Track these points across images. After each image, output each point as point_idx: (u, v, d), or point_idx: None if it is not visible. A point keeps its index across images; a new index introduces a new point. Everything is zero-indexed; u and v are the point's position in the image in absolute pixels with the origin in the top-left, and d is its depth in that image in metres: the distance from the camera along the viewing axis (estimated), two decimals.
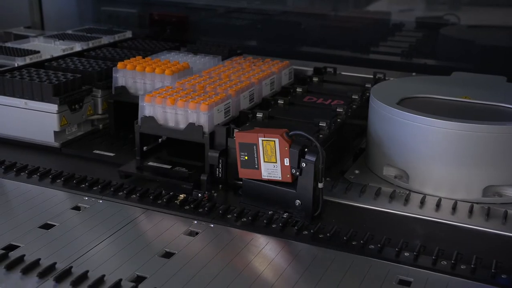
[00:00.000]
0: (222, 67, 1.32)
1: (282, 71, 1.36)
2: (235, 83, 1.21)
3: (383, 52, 1.77)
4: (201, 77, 1.24)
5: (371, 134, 1.17)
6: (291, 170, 0.97)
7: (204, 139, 1.05)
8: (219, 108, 1.09)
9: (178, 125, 1.08)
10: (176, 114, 1.08)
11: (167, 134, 1.10)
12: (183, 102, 1.07)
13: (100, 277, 0.79)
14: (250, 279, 0.81)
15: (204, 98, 1.09)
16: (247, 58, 1.40)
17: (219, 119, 1.09)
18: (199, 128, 1.05)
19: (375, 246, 0.90)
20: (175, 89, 1.14)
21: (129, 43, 1.62)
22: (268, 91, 1.29)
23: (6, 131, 1.24)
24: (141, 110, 1.09)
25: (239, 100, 1.17)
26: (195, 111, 1.06)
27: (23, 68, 1.28)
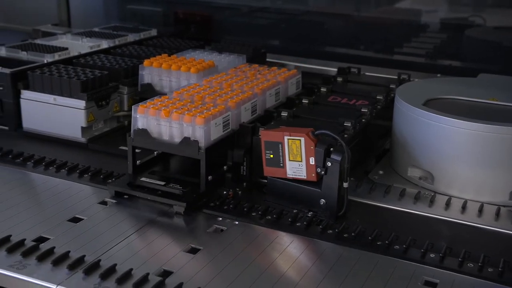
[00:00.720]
0: (225, 75, 1.25)
1: (289, 80, 1.29)
2: (237, 93, 1.13)
3: (407, 53, 1.76)
4: (201, 87, 1.16)
5: (395, 135, 1.17)
6: (316, 169, 0.97)
7: (200, 155, 0.98)
8: (217, 121, 1.02)
9: (172, 139, 1.01)
10: (170, 127, 1.01)
11: (161, 148, 1.03)
12: (178, 114, 1.00)
13: (128, 270, 0.80)
14: (274, 278, 0.82)
15: (201, 110, 1.02)
16: (252, 66, 1.32)
17: (216, 133, 1.02)
18: (194, 143, 0.98)
19: (400, 247, 0.90)
20: (172, 100, 1.07)
21: (154, 41, 1.63)
22: (273, 102, 1.22)
23: (35, 126, 1.26)
24: (133, 121, 1.03)
25: (239, 113, 1.09)
26: (190, 125, 0.99)
27: (52, 65, 1.30)
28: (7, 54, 1.38)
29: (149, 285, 0.78)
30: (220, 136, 1.03)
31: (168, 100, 1.07)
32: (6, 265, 0.81)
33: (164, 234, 0.91)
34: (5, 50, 1.39)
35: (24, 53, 1.37)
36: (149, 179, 1.03)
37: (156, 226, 0.94)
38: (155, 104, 1.04)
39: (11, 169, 1.12)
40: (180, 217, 0.97)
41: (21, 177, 1.10)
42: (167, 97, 1.09)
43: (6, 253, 0.84)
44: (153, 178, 1.03)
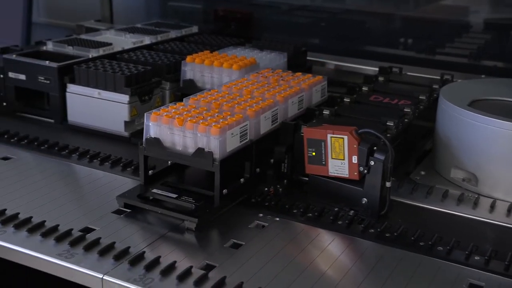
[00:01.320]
0: (246, 81, 1.17)
1: (313, 87, 1.21)
2: (257, 101, 1.06)
3: (450, 53, 1.73)
4: (219, 93, 1.10)
5: (439, 136, 1.15)
6: (359, 168, 0.97)
7: (214, 167, 0.92)
8: (233, 131, 0.95)
9: (186, 149, 0.95)
10: (184, 136, 0.95)
11: (174, 159, 0.99)
12: (192, 123, 0.94)
13: (171, 263, 0.82)
14: (314, 277, 0.82)
15: (217, 119, 0.96)
16: (276, 71, 1.25)
17: (233, 144, 0.96)
18: (208, 154, 0.92)
19: (444, 248, 0.89)
20: (187, 107, 1.02)
21: (195, 37, 1.65)
22: (295, 110, 1.14)
23: (79, 119, 1.28)
24: (146, 129, 0.98)
25: (259, 122, 1.03)
26: (205, 135, 0.93)
27: (97, 59, 1.33)
28: (54, 48, 1.41)
29: (193, 278, 0.79)
30: (237, 147, 0.97)
31: (183, 107, 1.02)
32: (54, 253, 0.83)
33: (206, 229, 0.92)
34: (52, 44, 1.42)
35: (70, 47, 1.40)
36: (161, 190, 0.98)
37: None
38: (169, 112, 0.98)
39: (57, 161, 1.15)
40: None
41: (66, 169, 1.12)
42: (182, 103, 1.03)
43: (54, 242, 0.86)
44: (165, 190, 0.98)
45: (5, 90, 1.35)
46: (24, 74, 1.31)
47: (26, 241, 0.86)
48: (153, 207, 0.94)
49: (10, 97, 1.35)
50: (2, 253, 0.87)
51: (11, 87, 1.34)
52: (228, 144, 0.95)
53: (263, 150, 1.04)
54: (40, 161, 1.14)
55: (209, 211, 0.93)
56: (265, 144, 1.04)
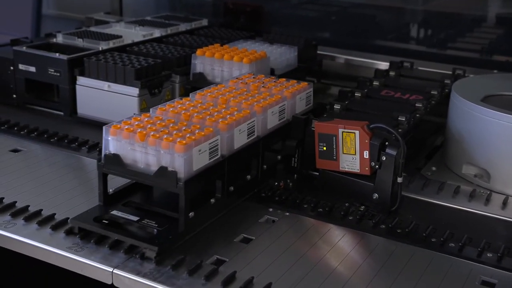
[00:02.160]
0: (223, 88, 1.08)
1: (297, 95, 1.10)
2: (231, 112, 0.95)
3: (461, 48, 1.71)
4: (191, 103, 0.99)
5: (451, 131, 1.14)
6: (370, 163, 0.96)
7: (178, 188, 0.82)
8: (201, 148, 0.85)
9: (148, 168, 0.85)
10: (146, 153, 0.85)
11: (134, 178, 0.88)
12: (155, 139, 0.84)
13: (182, 257, 0.81)
14: (325, 273, 0.81)
15: (183, 133, 0.86)
16: (258, 77, 1.14)
17: (201, 161, 0.86)
18: (172, 174, 0.82)
19: (456, 245, 0.88)
20: (152, 119, 0.91)
21: (205, 31, 1.64)
22: (276, 121, 1.04)
23: (89, 112, 1.28)
24: (104, 144, 0.88)
25: (232, 136, 0.92)
26: (168, 152, 0.83)
27: (107, 52, 1.32)
28: (63, 41, 1.41)
29: (203, 272, 0.78)
30: (206, 165, 0.87)
31: (148, 119, 0.91)
32: (65, 247, 0.83)
33: (216, 224, 0.92)
34: (62, 37, 1.41)
35: (80, 40, 1.39)
36: (122, 212, 0.88)
37: None
38: (130, 125, 0.88)
39: (66, 153, 1.15)
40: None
41: (76, 161, 1.12)
42: (148, 115, 0.93)
43: (64, 235, 0.86)
44: (126, 212, 0.89)
45: (15, 82, 1.35)
46: (34, 67, 1.31)
47: (36, 234, 0.86)
48: (108, 232, 0.84)
49: (20, 90, 1.35)
50: (13, 246, 0.87)
51: (21, 79, 1.34)
52: (195, 162, 0.84)
53: (239, 166, 0.96)
54: (50, 154, 1.14)
55: (172, 237, 0.83)
56: (241, 160, 0.95)
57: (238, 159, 0.94)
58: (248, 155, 0.97)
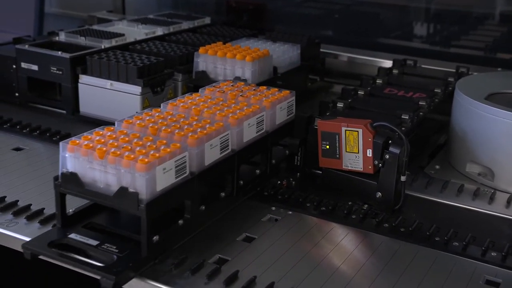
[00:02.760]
0: (198, 97, 1.00)
1: (277, 105, 1.01)
2: (203, 125, 0.88)
3: (465, 46, 1.71)
4: (161, 114, 0.92)
5: (454, 129, 1.14)
6: (374, 161, 0.96)
7: (140, 211, 0.75)
8: (166, 166, 0.78)
9: (109, 188, 0.78)
10: (105, 172, 0.78)
11: (93, 199, 0.81)
12: (115, 156, 0.77)
13: (184, 257, 0.81)
14: (328, 272, 0.81)
15: (147, 150, 0.78)
16: (237, 85, 1.07)
17: (166, 181, 0.78)
18: (132, 195, 0.75)
19: (460, 243, 0.87)
20: (116, 134, 0.83)
21: (208, 29, 1.64)
22: (254, 134, 0.95)
23: (91, 110, 1.28)
24: (62, 162, 0.81)
25: (202, 152, 0.85)
26: (129, 171, 0.76)
27: (109, 50, 1.32)
28: (66, 39, 1.41)
29: (205, 271, 0.78)
30: (172, 185, 0.79)
31: (111, 133, 0.83)
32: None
33: (219, 223, 0.91)
34: (65, 35, 1.41)
35: (82, 38, 1.39)
36: (80, 236, 0.81)
37: None
38: (90, 141, 0.81)
39: None
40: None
41: None
42: (112, 129, 0.85)
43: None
44: (86, 235, 0.81)
45: (17, 81, 1.35)
46: (37, 65, 1.31)
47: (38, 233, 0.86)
48: (63, 259, 0.77)
49: (22, 88, 1.35)
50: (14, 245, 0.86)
51: (23, 77, 1.33)
52: (159, 181, 0.77)
53: (211, 183, 0.90)
54: (52, 152, 1.14)
55: (133, 264, 0.76)
56: (213, 177, 0.88)
57: (210, 176, 0.87)
58: (221, 171, 0.90)
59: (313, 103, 1.42)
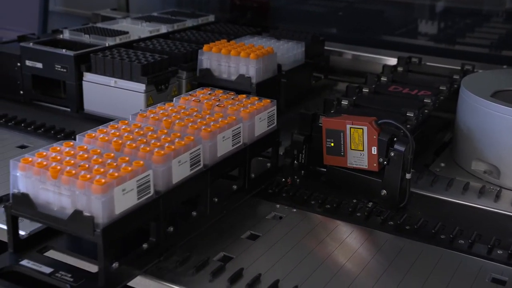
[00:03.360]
0: (170, 108, 0.92)
1: (256, 115, 0.94)
2: (172, 139, 0.81)
3: (470, 43, 1.70)
4: (128, 127, 0.84)
5: (460, 127, 1.13)
6: (379, 159, 0.95)
7: (95, 236, 0.69)
8: (125, 187, 0.71)
9: (63, 211, 0.71)
10: (59, 193, 0.71)
11: (46, 222, 0.74)
12: (69, 176, 0.70)
13: (188, 255, 0.81)
14: (333, 270, 0.80)
15: (105, 170, 0.71)
16: (214, 93, 1.00)
17: (126, 203, 0.71)
18: (87, 219, 0.69)
19: (465, 241, 0.87)
20: (74, 150, 0.76)
21: (212, 26, 1.63)
22: (229, 147, 0.89)
23: (95, 108, 1.28)
24: (12, 181, 0.74)
25: (169, 170, 0.78)
26: (84, 192, 0.69)
27: (113, 48, 1.32)
28: (70, 37, 1.41)
29: (210, 268, 0.78)
30: (133, 207, 0.73)
31: (69, 149, 0.76)
32: None
33: (223, 220, 0.91)
34: (69, 33, 1.41)
35: (86, 36, 1.39)
36: (33, 262, 0.74)
37: None
38: (45, 158, 0.74)
39: None
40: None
41: None
42: (71, 144, 0.78)
43: None
44: (39, 261, 0.74)
45: (22, 79, 1.35)
46: (41, 63, 1.31)
47: None
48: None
49: (27, 86, 1.35)
50: None
51: (28, 75, 1.34)
52: (118, 204, 0.70)
53: (181, 203, 0.83)
54: None
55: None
56: (183, 195, 0.82)
57: (179, 195, 0.80)
58: (192, 189, 0.83)
59: (317, 101, 1.41)
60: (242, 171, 0.95)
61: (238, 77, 1.25)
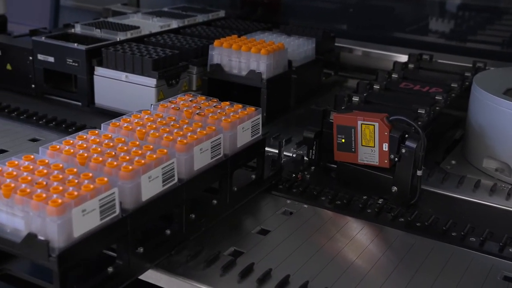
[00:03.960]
0: (146, 116, 0.86)
1: (239, 125, 0.88)
2: (143, 152, 0.74)
3: (482, 40, 1.69)
4: (96, 138, 0.78)
5: (471, 124, 1.12)
6: (390, 155, 0.95)
7: (51, 262, 0.63)
8: (86, 207, 0.64)
9: (17, 233, 0.65)
10: (13, 215, 0.65)
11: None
12: (23, 196, 0.64)
13: (199, 249, 0.81)
14: (343, 266, 0.80)
15: (64, 188, 0.65)
16: (197, 99, 0.94)
17: (86, 224, 0.65)
18: (42, 244, 0.63)
19: (477, 239, 0.87)
20: (34, 165, 0.70)
21: (222, 22, 1.63)
22: (208, 160, 0.82)
23: (106, 102, 1.28)
24: None
25: (137, 186, 0.71)
26: (39, 214, 0.63)
27: (125, 43, 1.32)
28: (82, 31, 1.41)
29: (220, 263, 0.78)
30: (95, 228, 0.66)
31: (28, 164, 0.70)
32: None
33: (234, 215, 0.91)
34: (80, 27, 1.41)
35: (98, 30, 1.39)
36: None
37: None
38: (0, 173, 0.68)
39: None
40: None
41: None
42: (31, 157, 0.72)
43: None
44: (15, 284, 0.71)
45: (34, 72, 1.35)
46: (53, 57, 1.31)
47: None
48: None
49: (38, 79, 1.35)
50: None
51: (40, 69, 1.34)
52: (77, 226, 0.64)
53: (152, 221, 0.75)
54: None
55: None
56: (154, 213, 0.75)
57: (150, 213, 0.73)
58: (165, 205, 0.76)
59: (327, 98, 1.41)
60: (223, 185, 0.88)
61: (248, 73, 1.25)
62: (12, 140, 1.14)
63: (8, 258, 0.72)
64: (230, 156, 0.87)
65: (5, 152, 1.08)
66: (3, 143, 1.12)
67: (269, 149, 1.10)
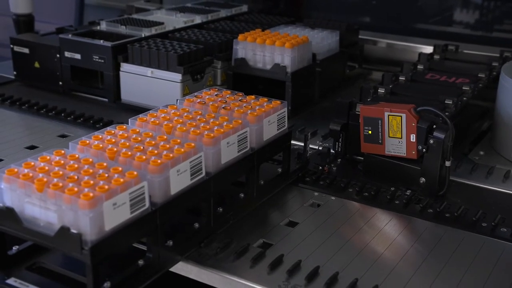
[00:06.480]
0: (173, 111, 0.86)
1: (265, 118, 0.88)
2: (171, 146, 0.75)
3: (508, 30, 1.66)
4: (124, 133, 0.79)
5: (499, 114, 1.11)
6: (417, 146, 0.94)
7: (83, 255, 0.64)
8: (117, 200, 0.66)
9: (50, 226, 0.66)
10: (46, 208, 0.66)
11: (32, 239, 0.68)
12: (55, 190, 0.65)
13: (228, 241, 0.81)
14: (371, 258, 0.80)
15: (95, 182, 0.66)
16: (222, 93, 0.94)
17: (117, 217, 0.66)
18: (74, 236, 0.64)
19: (508, 230, 0.86)
20: (65, 159, 0.71)
21: (245, 16, 1.63)
22: (235, 153, 0.83)
23: (133, 98, 1.30)
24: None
25: (167, 179, 0.72)
26: (71, 208, 0.64)
27: (149, 39, 1.33)
28: (107, 28, 1.42)
29: (250, 255, 0.79)
30: (126, 221, 0.67)
31: (60, 158, 0.71)
32: None
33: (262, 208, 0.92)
34: (105, 24, 1.43)
35: (122, 27, 1.41)
36: (21, 281, 0.71)
37: None
38: (32, 169, 0.69)
39: None
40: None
41: None
42: (62, 152, 0.73)
43: None
44: (28, 279, 0.71)
45: (61, 70, 1.37)
46: (79, 54, 1.33)
47: None
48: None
49: (66, 76, 1.37)
50: None
51: (67, 66, 1.36)
52: (108, 219, 0.65)
53: (181, 215, 0.77)
54: None
55: None
56: (183, 207, 0.76)
57: (179, 207, 0.74)
58: (193, 199, 0.77)
59: (351, 90, 1.41)
60: (250, 178, 0.88)
61: (273, 66, 1.25)
62: (42, 136, 1.16)
63: (41, 251, 0.75)
64: (257, 149, 0.87)
65: (36, 148, 1.10)
66: (33, 139, 1.14)
67: (295, 142, 1.10)
